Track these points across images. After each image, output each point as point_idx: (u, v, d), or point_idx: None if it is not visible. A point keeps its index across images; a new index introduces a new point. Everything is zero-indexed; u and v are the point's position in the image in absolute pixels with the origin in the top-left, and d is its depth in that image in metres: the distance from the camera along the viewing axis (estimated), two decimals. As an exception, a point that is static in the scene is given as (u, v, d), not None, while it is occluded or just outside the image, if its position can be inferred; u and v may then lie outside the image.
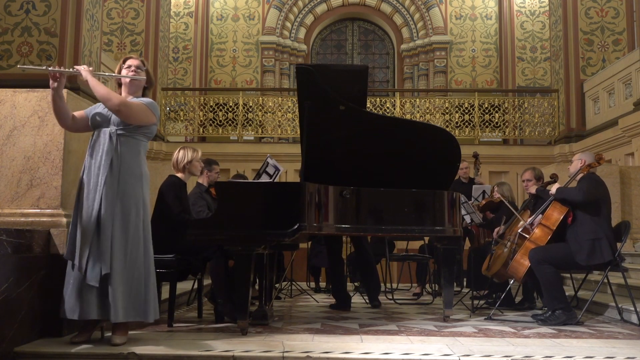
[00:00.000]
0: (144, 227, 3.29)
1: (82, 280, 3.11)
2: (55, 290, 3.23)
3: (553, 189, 4.63)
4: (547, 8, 11.40)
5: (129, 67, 3.39)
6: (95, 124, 3.32)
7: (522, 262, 4.58)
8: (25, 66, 3.35)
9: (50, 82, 3.17)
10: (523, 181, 5.34)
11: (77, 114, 3.35)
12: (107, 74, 3.43)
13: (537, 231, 4.60)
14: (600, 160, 4.65)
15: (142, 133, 3.34)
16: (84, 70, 3.26)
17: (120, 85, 3.44)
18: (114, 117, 3.26)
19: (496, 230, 5.25)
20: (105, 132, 3.26)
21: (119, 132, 3.25)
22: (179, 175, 4.31)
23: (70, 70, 3.30)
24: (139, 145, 3.33)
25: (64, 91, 3.36)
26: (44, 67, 3.19)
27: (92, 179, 3.21)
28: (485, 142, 10.41)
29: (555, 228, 4.55)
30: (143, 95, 3.45)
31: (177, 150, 4.37)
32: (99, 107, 3.36)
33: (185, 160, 4.28)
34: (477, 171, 6.66)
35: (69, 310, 3.11)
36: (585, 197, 4.38)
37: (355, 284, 6.79)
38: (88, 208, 3.17)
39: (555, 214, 4.56)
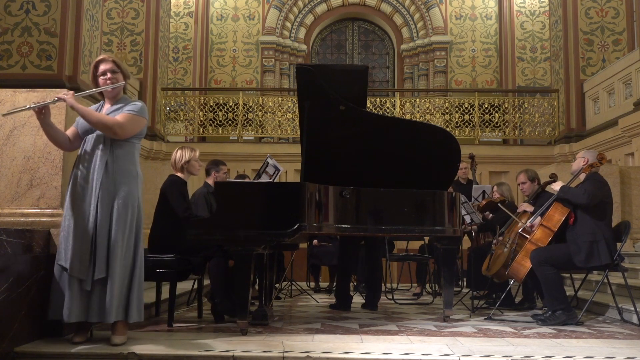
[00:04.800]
0: (137, 227, 3.30)
1: (79, 284, 3.10)
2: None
3: (557, 186, 4.62)
4: (547, 8, 11.40)
5: (104, 74, 3.30)
6: (84, 131, 3.28)
7: (523, 264, 4.57)
8: (9, 111, 3.25)
9: (36, 116, 3.14)
10: (518, 184, 5.33)
11: (69, 133, 3.31)
12: (88, 91, 3.37)
13: (538, 232, 4.59)
14: (602, 160, 4.64)
15: (135, 136, 3.35)
16: (67, 97, 3.16)
17: (101, 92, 3.38)
18: None
19: (493, 244, 5.23)
20: (98, 138, 3.23)
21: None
22: (179, 174, 4.36)
23: (54, 100, 3.19)
24: (133, 147, 3.35)
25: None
26: (26, 107, 3.13)
27: (89, 184, 3.18)
28: (485, 142, 10.41)
29: (556, 229, 4.55)
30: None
31: (175, 151, 4.42)
32: None
33: (183, 160, 4.32)
34: (474, 172, 6.65)
35: (68, 313, 3.09)
36: (589, 199, 4.36)
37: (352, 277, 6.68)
38: (84, 213, 3.15)
39: (557, 215, 4.55)
